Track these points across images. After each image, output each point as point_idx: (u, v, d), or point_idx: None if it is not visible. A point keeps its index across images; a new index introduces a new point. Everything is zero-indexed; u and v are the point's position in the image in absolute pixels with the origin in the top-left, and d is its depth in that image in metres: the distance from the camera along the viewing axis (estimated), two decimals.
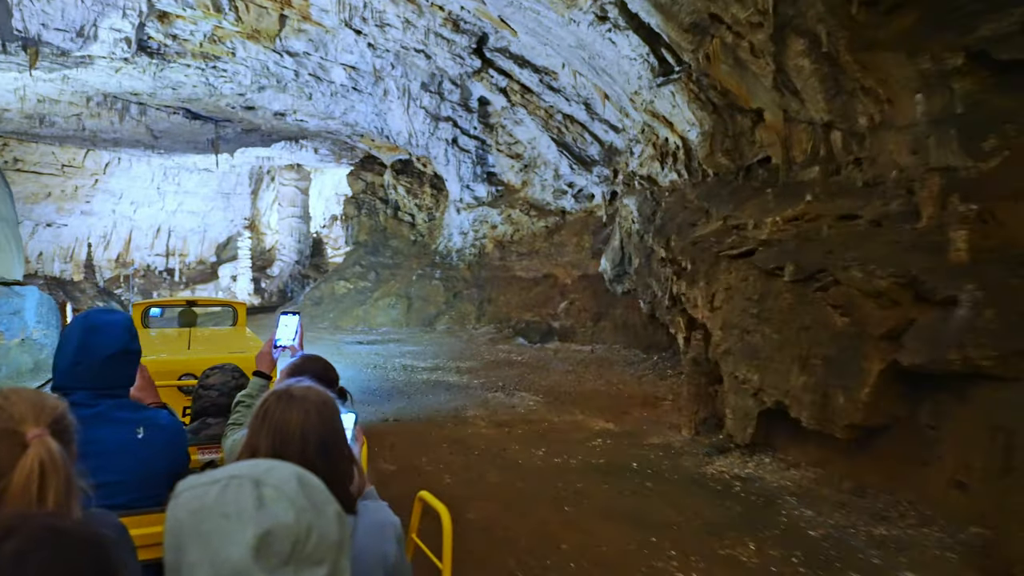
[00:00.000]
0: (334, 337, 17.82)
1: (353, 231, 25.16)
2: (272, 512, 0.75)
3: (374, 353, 13.73)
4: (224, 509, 0.75)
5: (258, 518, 0.74)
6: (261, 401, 1.23)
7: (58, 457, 0.90)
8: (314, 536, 0.75)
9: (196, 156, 29.86)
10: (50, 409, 0.99)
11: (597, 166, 18.10)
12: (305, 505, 0.77)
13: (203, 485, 0.79)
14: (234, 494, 0.76)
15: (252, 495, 0.76)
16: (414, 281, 20.64)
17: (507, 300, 18.50)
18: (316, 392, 1.25)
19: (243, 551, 0.71)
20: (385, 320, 19.95)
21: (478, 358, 13.10)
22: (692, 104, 9.40)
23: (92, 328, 1.66)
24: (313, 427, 1.18)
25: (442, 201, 22.51)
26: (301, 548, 0.74)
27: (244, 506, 0.75)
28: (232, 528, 0.73)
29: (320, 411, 1.21)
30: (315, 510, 0.78)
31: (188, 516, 0.76)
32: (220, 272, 36.08)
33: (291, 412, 1.19)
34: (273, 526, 0.73)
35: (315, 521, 0.77)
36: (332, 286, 23.02)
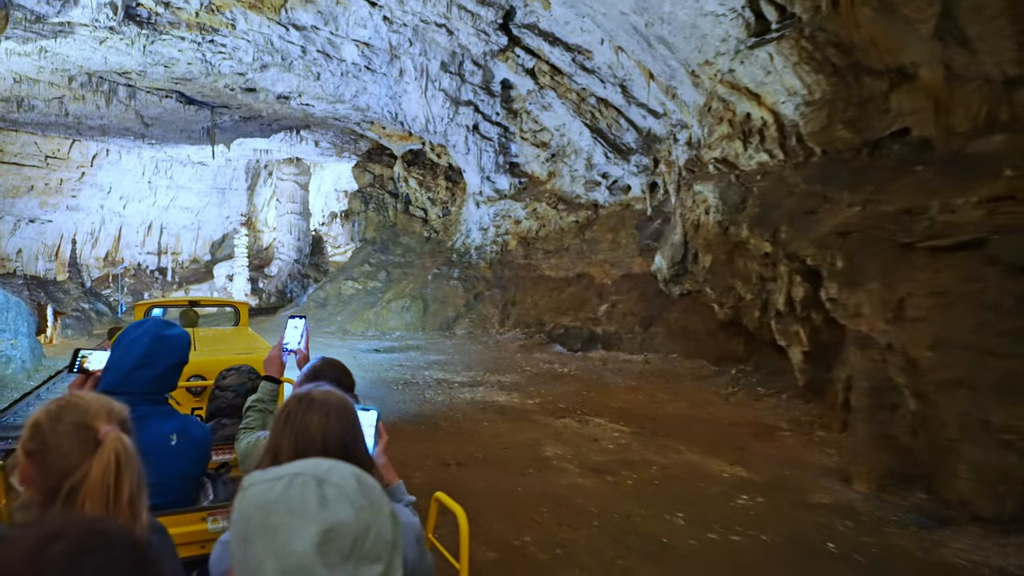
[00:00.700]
0: (345, 343, 16.09)
1: (360, 227, 23.41)
2: (334, 510, 0.77)
3: (396, 364, 12.03)
4: (290, 504, 0.77)
5: (321, 515, 0.76)
6: (283, 405, 1.25)
7: (132, 451, 0.98)
8: (372, 534, 0.77)
9: (190, 148, 28.03)
10: (119, 410, 1.07)
11: (635, 154, 16.43)
12: (364, 504, 0.79)
13: (269, 481, 0.80)
14: (299, 491, 0.78)
15: (315, 492, 0.78)
16: (430, 281, 18.91)
17: (534, 302, 16.82)
18: (335, 396, 1.27)
19: (307, 546, 0.73)
20: (399, 324, 18.23)
21: (517, 369, 11.42)
22: (801, 66, 7.73)
23: (162, 338, 1.72)
24: (333, 430, 1.19)
25: (458, 194, 20.79)
26: (360, 545, 0.76)
27: (308, 503, 0.77)
28: (297, 523, 0.75)
29: (340, 414, 1.23)
30: (372, 509, 0.80)
31: (255, 510, 0.78)
32: (215, 271, 34.23)
33: (312, 416, 1.20)
34: (335, 523, 0.75)
35: (373, 520, 0.79)
36: (338, 286, 21.27)
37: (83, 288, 22.32)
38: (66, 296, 21.36)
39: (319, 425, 1.19)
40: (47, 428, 1.02)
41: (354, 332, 18.46)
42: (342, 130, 26.60)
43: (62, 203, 27.91)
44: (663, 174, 15.61)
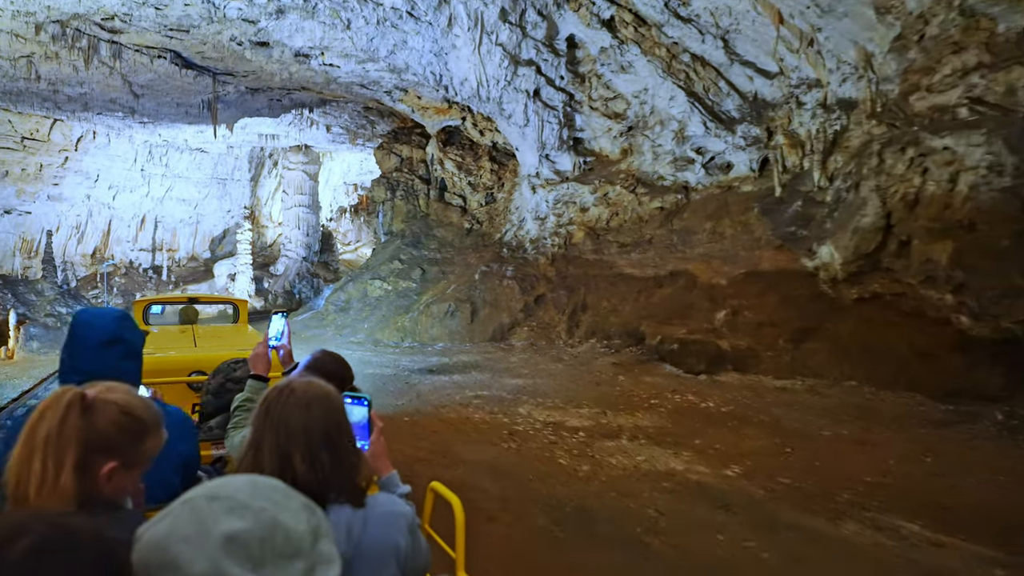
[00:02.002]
0: (382, 356, 12.88)
1: (385, 218, 20.17)
2: (228, 521, 0.74)
3: (472, 394, 8.82)
4: (182, 533, 0.75)
5: (218, 529, 0.74)
6: (263, 397, 1.22)
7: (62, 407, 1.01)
8: (280, 531, 0.76)
9: (188, 130, 24.76)
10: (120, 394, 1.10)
11: (741, 124, 13.22)
12: (263, 505, 0.77)
13: (157, 522, 0.79)
14: (188, 517, 0.76)
15: (206, 511, 0.76)
16: (477, 281, 15.69)
17: (612, 307, 13.61)
18: (316, 386, 1.23)
19: (213, 564, 0.71)
20: (441, 332, 15.01)
21: (643, 404, 8.23)
22: None
23: (79, 322, 1.66)
24: (316, 421, 1.16)
25: (506, 178, 17.57)
26: (271, 546, 0.74)
27: (202, 524, 0.75)
28: (194, 548, 0.73)
29: (321, 404, 1.19)
30: (276, 507, 0.78)
31: (150, 552, 0.75)
32: (216, 270, 30.95)
33: (293, 408, 1.17)
34: (235, 532, 0.73)
35: (278, 516, 0.77)
36: (363, 287, 18.03)
37: (60, 289, 19.03)
38: (39, 298, 18.13)
39: (301, 417, 1.14)
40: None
41: (387, 342, 15.24)
42: (363, 107, 23.40)
43: (42, 192, 24.60)
44: (780, 147, 12.41)
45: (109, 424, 1.07)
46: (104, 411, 1.07)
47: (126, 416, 1.10)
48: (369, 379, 9.96)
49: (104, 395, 1.09)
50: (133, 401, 1.13)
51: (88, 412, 1.05)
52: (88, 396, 1.07)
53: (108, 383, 1.14)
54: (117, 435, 1.08)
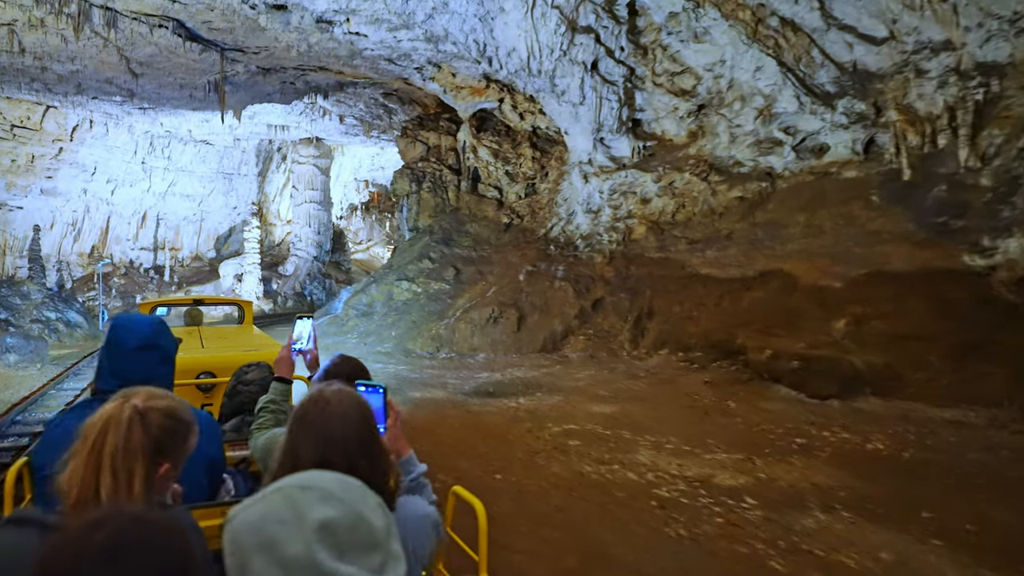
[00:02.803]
0: (421, 372, 10.94)
1: (410, 213, 18.23)
2: (322, 508, 0.79)
3: (564, 431, 6.84)
4: (278, 516, 0.79)
5: (312, 515, 0.78)
6: (299, 406, 1.24)
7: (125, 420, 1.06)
8: (365, 524, 0.81)
9: (192, 118, 22.88)
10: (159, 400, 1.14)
11: (844, 98, 11.25)
12: (351, 498, 0.83)
13: (251, 504, 0.84)
14: (282, 503, 0.81)
15: (301, 498, 0.81)
16: (522, 283, 13.75)
17: (686, 312, 11.66)
18: (349, 394, 1.26)
19: (306, 545, 0.76)
20: (482, 341, 13.06)
21: (789, 445, 6.30)
22: None
23: (117, 326, 1.70)
24: (354, 430, 1.19)
25: (551, 166, 15.61)
26: (356, 535, 0.79)
27: (297, 509, 0.79)
28: (290, 530, 0.78)
29: (357, 413, 1.23)
30: (361, 502, 0.84)
31: (247, 532, 0.80)
32: (221, 270, 29.07)
33: (331, 417, 1.20)
34: (328, 519, 0.78)
35: (363, 510, 0.82)
36: (388, 289, 16.09)
37: (49, 291, 17.08)
38: (24, 302, 16.21)
39: (340, 427, 1.17)
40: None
41: (419, 352, 13.30)
42: (382, 94, 21.48)
43: (35, 185, 22.73)
44: (895, 123, 10.44)
45: (160, 430, 1.10)
46: (154, 418, 1.10)
47: (172, 420, 1.13)
48: (421, 406, 8.01)
49: (151, 403, 1.12)
50: (175, 405, 1.16)
51: (144, 423, 1.07)
52: (140, 407, 1.09)
53: (149, 390, 1.17)
54: (168, 439, 1.12)
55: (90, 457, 1.03)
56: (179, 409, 1.19)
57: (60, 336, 15.48)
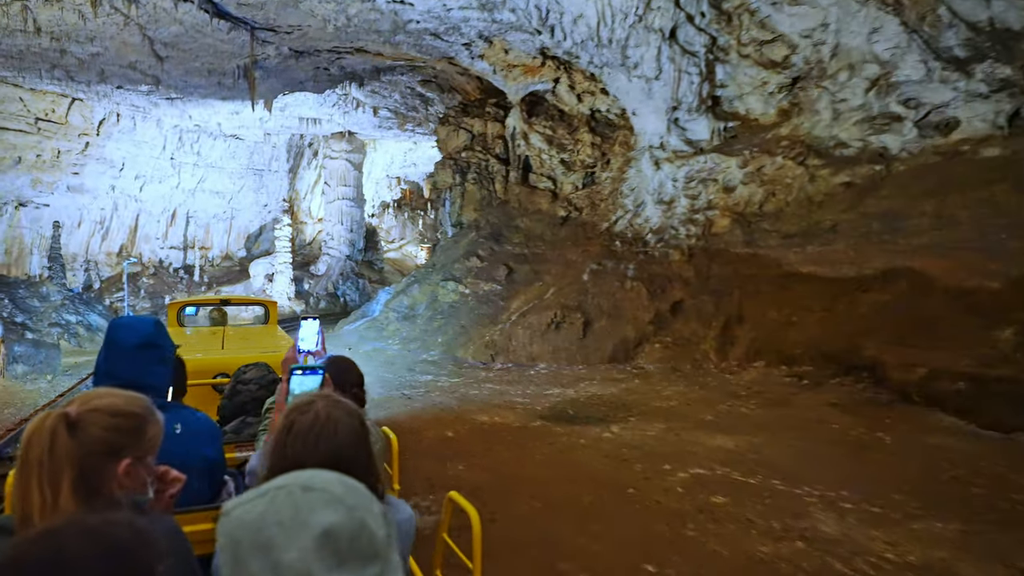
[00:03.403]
0: (480, 388, 9.44)
1: (454, 207, 16.78)
2: (326, 513, 0.75)
3: (692, 477, 5.26)
4: (278, 517, 0.76)
5: (314, 520, 0.75)
6: (286, 414, 1.19)
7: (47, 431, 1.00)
8: (366, 533, 0.77)
9: (222, 110, 21.78)
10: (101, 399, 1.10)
11: (983, 63, 9.42)
12: (354, 504, 0.78)
13: (251, 500, 0.79)
14: (285, 502, 0.77)
15: (304, 500, 0.77)
16: (586, 283, 12.17)
17: (785, 317, 9.95)
18: (339, 404, 1.22)
19: (304, 553, 0.73)
20: (543, 349, 11.52)
21: (1016, 506, 4.55)
22: None
23: (115, 326, 1.69)
24: (345, 438, 1.16)
25: (613, 153, 13.99)
26: (356, 544, 0.75)
27: (299, 512, 0.76)
28: (289, 534, 0.74)
29: (348, 423, 1.18)
30: (363, 507, 0.79)
31: (242, 530, 0.76)
32: (252, 270, 28.04)
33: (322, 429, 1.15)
34: (330, 526, 0.74)
35: (366, 517, 0.78)
36: (432, 290, 14.65)
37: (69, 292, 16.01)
38: (43, 304, 15.15)
39: (329, 440, 1.13)
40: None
41: (471, 362, 11.83)
42: (420, 81, 20.09)
43: (61, 182, 21.85)
44: None
45: (104, 431, 1.08)
46: (94, 421, 1.07)
47: (117, 417, 1.10)
48: (495, 436, 6.49)
49: (87, 406, 1.09)
50: (118, 401, 1.13)
51: (76, 430, 1.04)
52: (72, 414, 1.06)
53: (90, 392, 1.15)
54: (117, 436, 1.09)
55: (21, 471, 0.99)
56: (124, 404, 1.14)
57: (80, 341, 14.39)
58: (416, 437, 6.37)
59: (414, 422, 7.19)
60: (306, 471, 0.85)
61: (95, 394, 1.14)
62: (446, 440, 6.37)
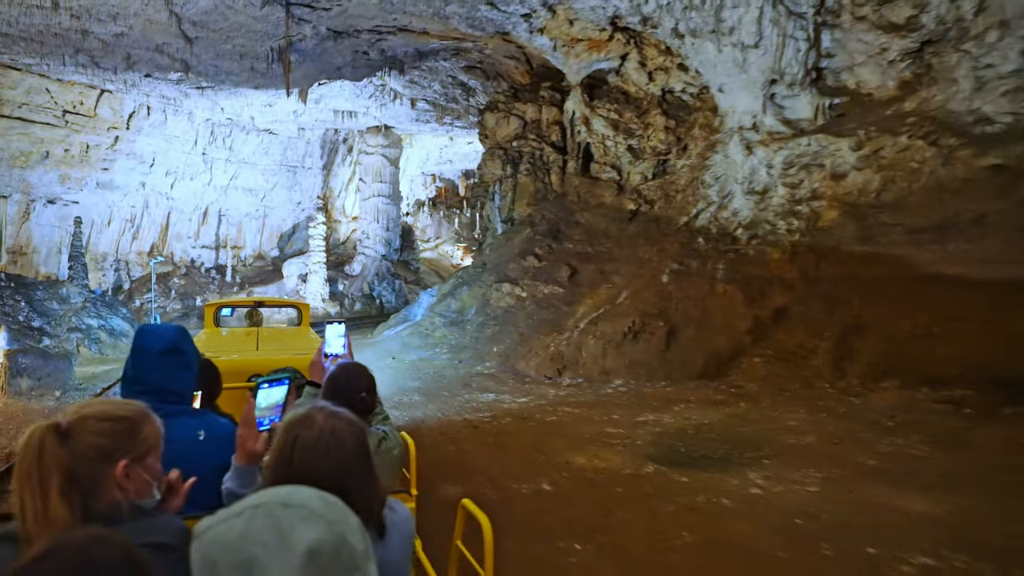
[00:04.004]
0: (558, 412, 7.89)
1: (504, 201, 15.29)
2: (308, 530, 0.75)
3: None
4: (260, 536, 0.74)
5: (295, 539, 0.74)
6: (286, 433, 1.16)
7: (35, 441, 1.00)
8: (347, 547, 0.76)
9: (255, 102, 20.66)
10: (92, 408, 1.11)
11: None
12: (334, 518, 0.78)
13: (228, 519, 0.78)
14: (265, 521, 0.76)
15: (284, 517, 0.76)
16: (666, 286, 10.54)
17: (923, 328, 8.21)
18: (339, 419, 1.19)
19: (289, 572, 0.72)
20: (618, 363, 9.93)
21: None
22: None
23: (142, 333, 1.72)
24: (349, 456, 1.15)
25: (692, 137, 12.33)
26: (338, 559, 0.75)
27: (281, 530, 0.75)
28: (272, 553, 0.73)
29: (349, 440, 1.16)
30: (343, 522, 0.79)
31: (220, 551, 0.75)
32: (285, 270, 26.97)
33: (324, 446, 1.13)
34: (313, 543, 0.74)
35: (345, 532, 0.78)
36: (483, 293, 13.16)
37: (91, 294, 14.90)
38: (63, 307, 14.02)
39: (331, 456, 1.12)
40: None
41: (534, 376, 10.31)
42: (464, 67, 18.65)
43: (90, 178, 20.96)
44: None
45: (96, 436, 1.10)
46: (85, 428, 1.09)
47: (108, 422, 1.12)
48: (602, 490, 4.92)
49: (77, 414, 1.11)
50: (108, 407, 1.15)
51: (67, 438, 1.06)
52: (63, 424, 1.08)
53: (82, 402, 1.18)
54: (111, 441, 1.10)
55: (15, 482, 1.01)
56: (114, 409, 1.15)
57: (102, 347, 13.21)
58: (503, 494, 4.83)
59: (493, 464, 5.67)
60: (282, 488, 0.83)
61: (87, 403, 1.15)
62: (544, 497, 4.82)
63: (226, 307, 6.89)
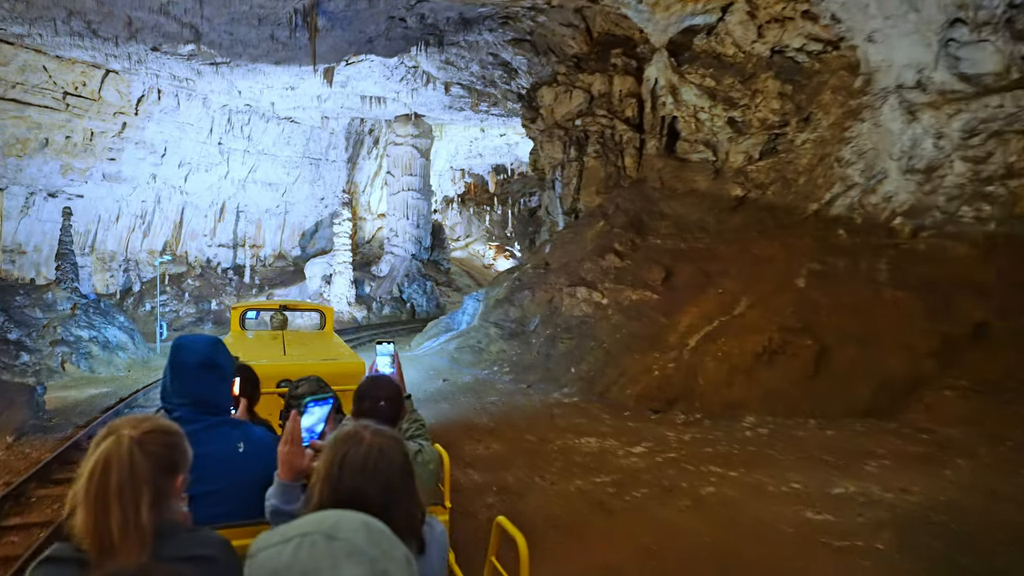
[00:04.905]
0: (701, 475, 5.50)
1: (566, 189, 12.95)
2: (349, 568, 0.75)
3: None
4: (303, 567, 0.75)
5: (336, 574, 0.74)
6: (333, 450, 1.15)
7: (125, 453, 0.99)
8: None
9: (275, 83, 18.51)
10: (148, 422, 1.08)
11: None
12: (377, 554, 0.78)
13: (277, 544, 0.79)
14: (309, 552, 0.76)
15: (327, 552, 0.76)
16: (806, 291, 8.12)
17: None
18: (385, 437, 1.19)
19: None
20: (748, 393, 7.55)
21: None
22: None
23: (178, 347, 1.69)
24: (394, 471, 1.15)
25: (819, 104, 9.87)
26: None
27: (321, 563, 0.75)
28: None
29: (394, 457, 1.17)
30: (386, 557, 0.79)
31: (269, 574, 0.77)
32: (307, 271, 24.86)
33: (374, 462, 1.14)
34: None
35: (388, 567, 0.77)
36: (549, 299, 10.83)
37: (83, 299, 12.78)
38: (47, 315, 11.85)
39: (378, 472, 1.12)
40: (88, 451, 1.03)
41: (636, 408, 7.92)
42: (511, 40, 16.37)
43: (95, 169, 18.99)
44: None
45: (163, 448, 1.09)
46: (154, 441, 1.08)
47: (170, 435, 1.12)
48: None
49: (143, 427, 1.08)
50: (161, 422, 1.13)
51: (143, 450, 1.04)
52: (136, 436, 1.05)
53: (132, 417, 1.14)
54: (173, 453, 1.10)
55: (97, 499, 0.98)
56: (168, 424, 1.14)
57: (92, 363, 11.00)
58: None
59: None
60: (330, 515, 0.85)
61: (136, 419, 1.11)
62: None
63: (252, 310, 6.98)
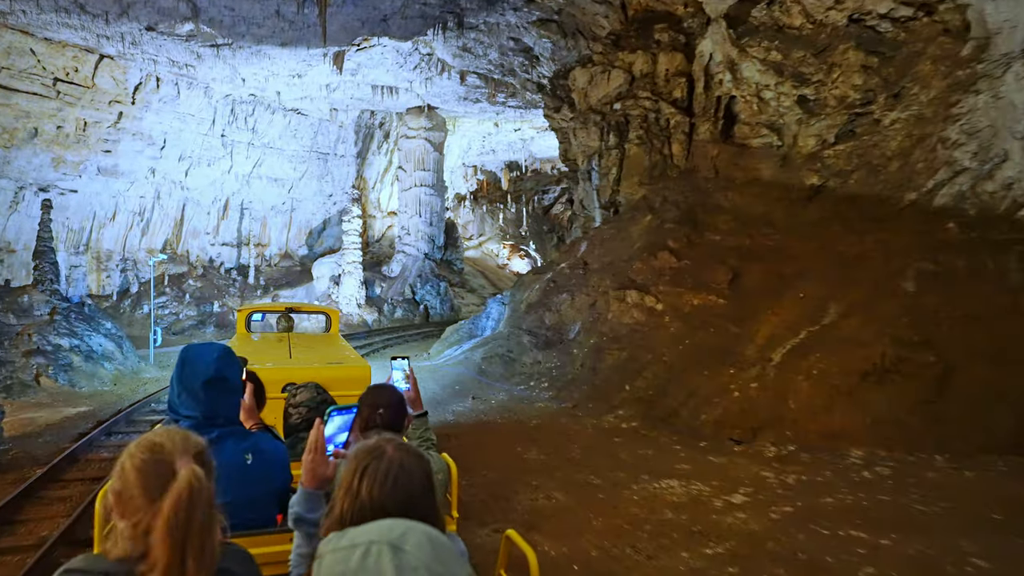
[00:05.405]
0: (832, 547, 4.12)
1: (604, 180, 11.62)
2: None
3: None
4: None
5: None
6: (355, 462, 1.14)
7: (204, 481, 0.98)
8: None
9: (281, 69, 17.23)
10: (195, 443, 1.07)
11: None
12: (441, 571, 0.78)
13: (344, 549, 0.81)
14: (375, 562, 0.78)
15: (392, 562, 0.77)
16: (916, 296, 6.74)
17: None
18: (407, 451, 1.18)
19: None
20: (855, 420, 6.22)
21: None
22: None
23: (185, 360, 1.68)
24: (416, 488, 1.14)
25: (914, 77, 8.49)
26: None
27: (386, 574, 0.76)
28: None
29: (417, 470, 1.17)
30: (449, 573, 0.79)
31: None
32: (315, 271, 23.57)
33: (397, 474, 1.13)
34: None
35: None
36: (591, 303, 9.50)
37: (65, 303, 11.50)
38: (21, 321, 10.62)
39: (403, 486, 1.11)
40: (127, 468, 1.00)
41: (706, 433, 6.59)
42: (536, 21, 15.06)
43: (89, 162, 17.76)
44: None
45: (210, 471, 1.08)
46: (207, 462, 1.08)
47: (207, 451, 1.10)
48: None
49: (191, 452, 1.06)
50: (191, 437, 1.11)
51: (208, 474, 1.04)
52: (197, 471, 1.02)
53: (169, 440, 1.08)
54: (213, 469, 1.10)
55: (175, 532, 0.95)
56: (198, 440, 1.11)
57: (72, 376, 9.66)
58: None
59: None
60: (399, 524, 0.85)
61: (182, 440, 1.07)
62: None
63: (258, 312, 6.92)
